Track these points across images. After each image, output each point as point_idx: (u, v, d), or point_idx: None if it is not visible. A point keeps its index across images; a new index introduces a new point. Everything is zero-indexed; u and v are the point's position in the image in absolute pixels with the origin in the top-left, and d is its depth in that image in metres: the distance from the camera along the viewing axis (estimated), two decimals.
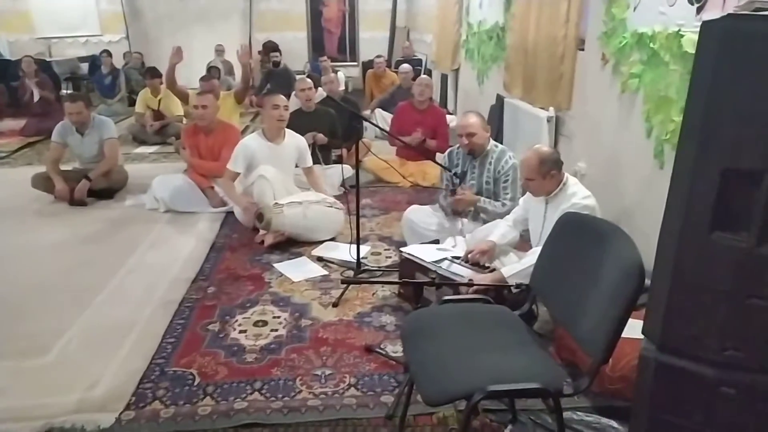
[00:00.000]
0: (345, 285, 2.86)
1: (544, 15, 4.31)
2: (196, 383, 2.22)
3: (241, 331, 2.60)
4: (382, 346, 2.46)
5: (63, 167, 4.66)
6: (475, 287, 2.40)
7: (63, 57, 10.12)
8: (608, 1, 3.39)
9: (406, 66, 6.88)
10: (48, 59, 9.61)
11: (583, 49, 3.84)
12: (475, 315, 1.77)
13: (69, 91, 9.76)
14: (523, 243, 2.98)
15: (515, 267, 2.49)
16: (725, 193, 1.34)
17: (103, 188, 4.50)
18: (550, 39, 4.19)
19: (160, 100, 6.68)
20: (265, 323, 2.67)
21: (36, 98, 7.49)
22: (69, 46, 10.64)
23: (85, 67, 9.98)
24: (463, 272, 2.60)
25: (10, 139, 6.91)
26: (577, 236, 1.70)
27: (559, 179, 2.60)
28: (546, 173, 2.55)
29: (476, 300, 1.91)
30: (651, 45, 2.94)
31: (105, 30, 10.78)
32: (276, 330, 2.61)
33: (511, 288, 2.30)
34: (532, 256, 2.49)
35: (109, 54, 8.78)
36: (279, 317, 2.73)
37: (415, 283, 2.16)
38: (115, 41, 10.74)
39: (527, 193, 2.80)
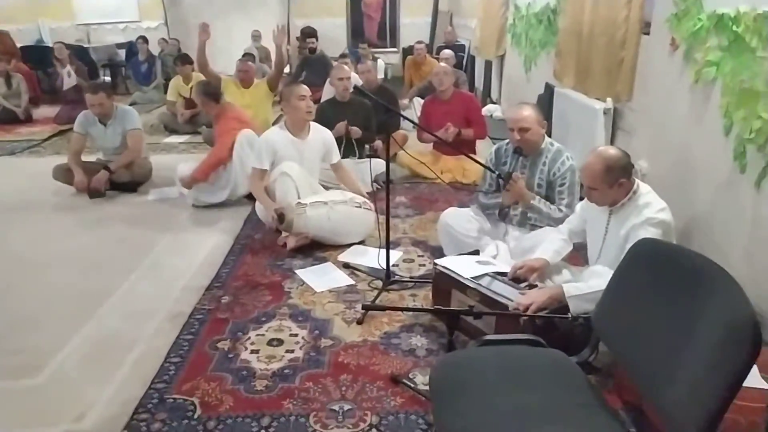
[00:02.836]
0: (361, 318, 2.53)
1: None
2: (196, 416, 1.95)
3: (253, 351, 2.31)
4: (410, 376, 2.14)
5: (87, 158, 4.50)
6: (528, 310, 2.03)
7: (101, 43, 10.06)
8: None
9: (447, 51, 6.49)
10: (86, 45, 9.57)
11: (648, 33, 3.39)
12: (523, 364, 1.42)
13: (107, 78, 9.78)
14: (573, 254, 2.61)
15: (580, 287, 2.10)
16: None
17: (125, 181, 4.30)
18: (608, 22, 3.75)
19: (191, 88, 6.46)
20: (280, 342, 2.38)
21: (66, 85, 7.39)
22: (108, 33, 10.61)
23: (122, 53, 9.92)
24: (508, 292, 2.24)
25: (44, 127, 6.85)
26: (658, 272, 1.33)
27: (628, 188, 2.19)
28: (613, 182, 2.15)
29: (523, 342, 1.54)
30: (734, 28, 2.50)
31: (144, 16, 10.70)
32: (292, 351, 2.31)
33: (569, 316, 1.93)
34: (600, 279, 2.10)
35: (146, 40, 8.64)
36: (296, 335, 2.43)
37: (450, 312, 1.83)
38: (153, 27, 10.65)
39: (585, 199, 2.41)
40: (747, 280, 2.48)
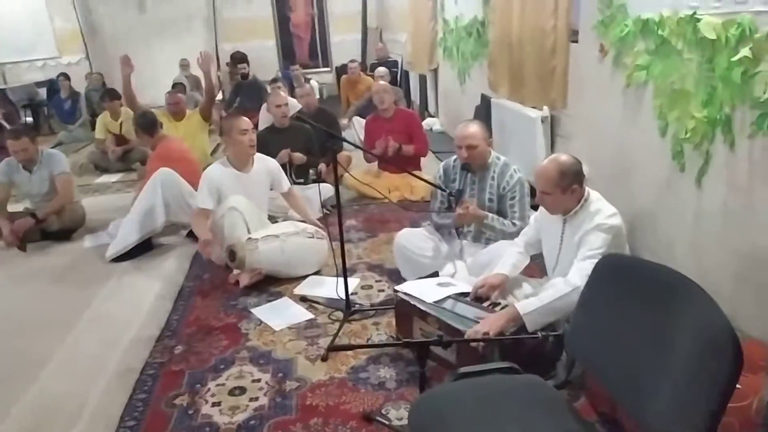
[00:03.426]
0: (325, 354, 2.44)
1: (529, 5, 3.95)
2: None
3: (214, 404, 2.18)
4: (383, 412, 2.07)
5: (14, 208, 4.21)
6: (491, 335, 2.00)
7: (19, 83, 9.55)
8: None
9: (381, 69, 6.52)
10: (2, 87, 9.07)
11: (576, 41, 3.49)
12: (501, 394, 1.39)
13: (28, 119, 9.27)
14: (530, 266, 2.62)
15: (532, 302, 2.11)
16: None
17: (57, 229, 4.05)
18: (537, 31, 3.84)
19: (121, 124, 6.21)
20: (243, 390, 2.26)
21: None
22: (26, 71, 10.06)
23: (43, 92, 9.43)
24: (471, 313, 2.21)
25: None
26: (627, 286, 1.33)
27: (579, 195, 2.23)
28: (566, 187, 2.18)
29: (499, 370, 1.51)
30: (659, 32, 2.60)
31: (63, 51, 10.23)
32: (256, 399, 2.20)
33: (539, 335, 1.92)
34: (552, 290, 2.11)
35: (67, 77, 8.25)
36: (259, 380, 2.32)
37: (417, 344, 1.78)
38: (74, 63, 10.20)
39: (539, 210, 2.42)
40: (694, 275, 2.53)
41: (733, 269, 2.27)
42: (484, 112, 5.04)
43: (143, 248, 3.70)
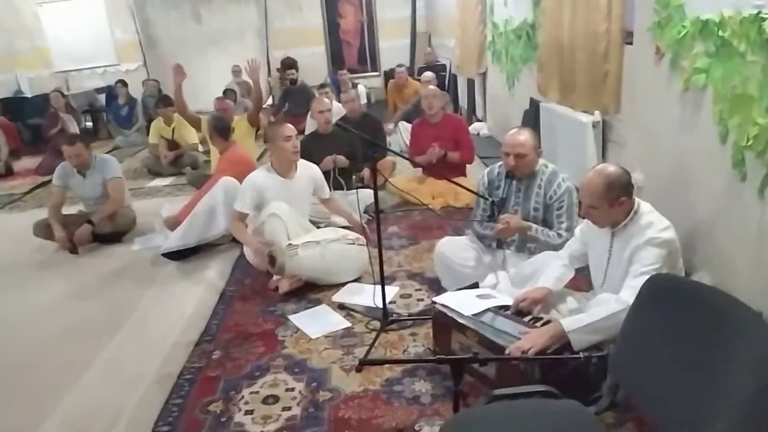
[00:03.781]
0: (359, 368, 2.39)
1: (580, 8, 3.81)
2: None
3: (247, 413, 2.17)
4: (416, 428, 2.00)
5: (68, 210, 4.37)
6: (533, 352, 1.90)
7: (81, 89, 9.99)
8: None
9: (428, 74, 6.45)
10: (65, 93, 9.50)
11: (631, 43, 3.33)
12: (537, 421, 1.29)
13: (88, 124, 9.67)
14: (578, 278, 2.50)
15: (579, 319, 1.99)
16: None
17: (108, 232, 4.16)
18: (589, 34, 3.69)
19: (173, 129, 6.39)
20: (276, 399, 2.23)
21: (72, 131, 7.21)
22: (87, 78, 10.53)
23: (102, 98, 9.82)
24: (511, 328, 2.11)
25: (25, 179, 6.71)
26: (678, 311, 1.21)
27: (629, 207, 2.09)
28: (614, 200, 2.05)
29: (536, 393, 1.42)
30: (720, 33, 2.44)
31: (122, 59, 10.65)
32: (289, 408, 2.17)
33: (581, 356, 1.81)
34: (601, 307, 1.99)
35: (124, 84, 8.56)
36: (293, 389, 2.29)
37: (452, 360, 1.70)
38: (132, 69, 10.59)
39: (585, 221, 2.30)
40: (759, 296, 2.37)
41: None
42: (532, 116, 4.91)
43: (193, 250, 3.76)
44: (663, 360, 1.23)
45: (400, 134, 6.14)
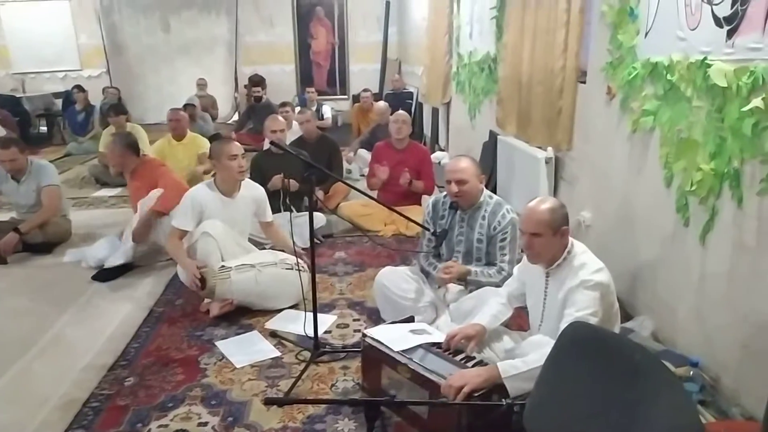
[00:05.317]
0: (268, 405, 2.21)
1: (540, 44, 3.81)
2: None
3: None
4: None
5: (3, 217, 4.13)
6: (461, 392, 1.79)
7: (38, 93, 9.67)
8: (613, 27, 2.90)
9: (381, 104, 6.41)
10: (19, 95, 9.18)
11: (584, 82, 3.33)
12: None
13: (42, 128, 9.35)
14: (522, 314, 2.41)
15: (517, 366, 1.87)
16: None
17: (39, 242, 3.93)
18: (546, 70, 3.69)
19: None
20: None
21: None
22: (46, 82, 10.22)
23: (60, 103, 9.52)
24: (442, 367, 2.00)
25: None
26: (596, 363, 1.13)
27: (566, 242, 2.05)
28: (557, 229, 2.02)
29: None
30: (668, 77, 2.43)
31: (85, 65, 10.38)
32: None
33: (503, 402, 1.70)
34: (537, 354, 1.89)
35: (81, 89, 8.28)
36: (206, 424, 2.12)
37: (367, 403, 1.57)
38: (95, 76, 10.34)
39: (522, 261, 2.23)
40: (697, 339, 2.32)
41: (740, 338, 2.05)
42: (491, 148, 4.88)
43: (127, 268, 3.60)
44: (577, 413, 1.13)
45: (358, 164, 6.10)
